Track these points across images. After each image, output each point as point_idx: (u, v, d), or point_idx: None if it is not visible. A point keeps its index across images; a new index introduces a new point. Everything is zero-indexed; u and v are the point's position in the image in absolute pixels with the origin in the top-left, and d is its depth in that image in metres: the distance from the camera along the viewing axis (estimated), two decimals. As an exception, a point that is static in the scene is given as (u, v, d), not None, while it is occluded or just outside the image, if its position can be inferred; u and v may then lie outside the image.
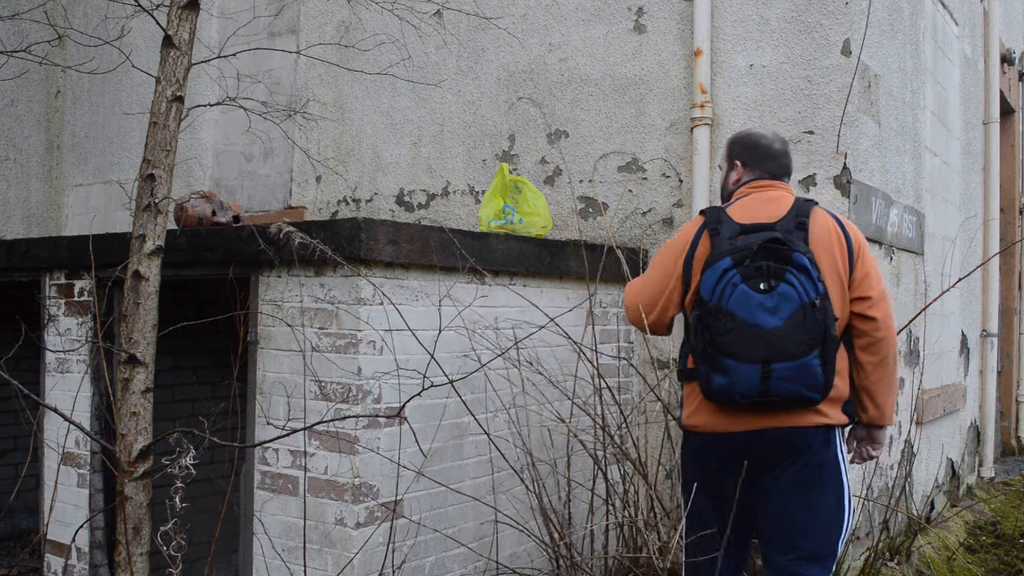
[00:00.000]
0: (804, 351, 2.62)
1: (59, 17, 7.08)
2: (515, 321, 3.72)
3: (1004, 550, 5.09)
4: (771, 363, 2.62)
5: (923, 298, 5.06)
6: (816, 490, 2.79)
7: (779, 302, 2.62)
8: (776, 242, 2.67)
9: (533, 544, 3.78)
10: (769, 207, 2.85)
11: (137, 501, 2.83)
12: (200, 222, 3.80)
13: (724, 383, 2.68)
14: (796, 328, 2.61)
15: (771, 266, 2.65)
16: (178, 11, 2.94)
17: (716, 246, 2.76)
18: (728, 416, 2.77)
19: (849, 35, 4.06)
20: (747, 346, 2.63)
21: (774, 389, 2.64)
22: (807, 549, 2.81)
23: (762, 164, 2.98)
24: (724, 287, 2.66)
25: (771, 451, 2.76)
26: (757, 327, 2.61)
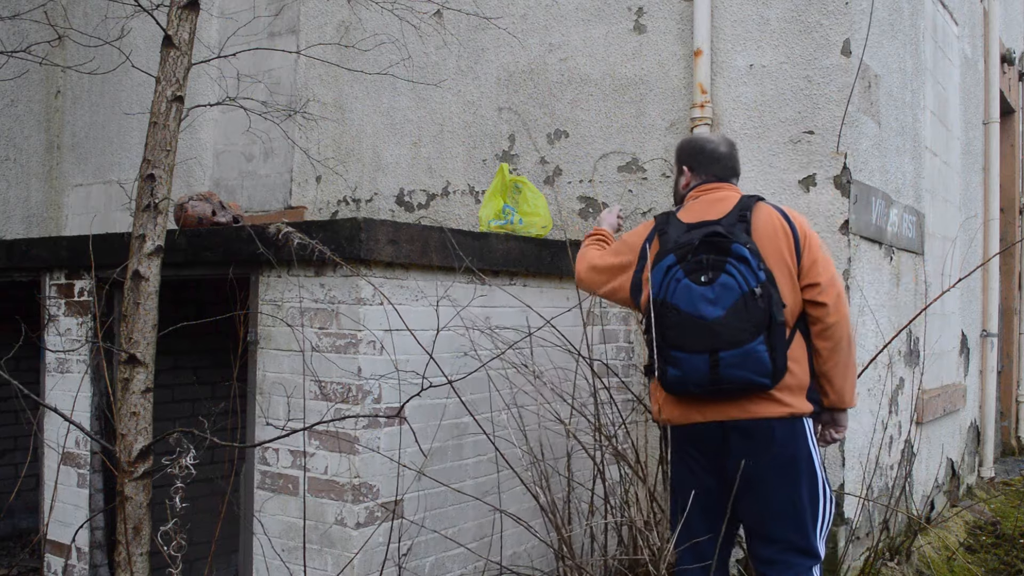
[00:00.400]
0: (748, 338, 2.72)
1: (59, 17, 7.08)
2: (515, 321, 3.72)
3: (1004, 550, 5.09)
4: (718, 352, 2.73)
5: (923, 298, 5.06)
6: (789, 481, 2.84)
7: (720, 293, 2.74)
8: (717, 235, 2.80)
9: (533, 544, 3.78)
10: (716, 207, 2.97)
11: (137, 501, 2.83)
12: (200, 222, 3.80)
13: (677, 375, 2.81)
14: (738, 316, 2.72)
15: (711, 259, 2.77)
16: (178, 11, 2.94)
17: (662, 245, 2.91)
18: (691, 408, 2.88)
19: (849, 35, 4.06)
20: (693, 337, 2.75)
21: (724, 377, 2.74)
22: (785, 540, 2.86)
23: (707, 168, 3.10)
24: (669, 282, 2.80)
25: (737, 442, 2.84)
26: (700, 318, 2.74)
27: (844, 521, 4.02)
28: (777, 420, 2.81)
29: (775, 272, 2.81)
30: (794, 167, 4.14)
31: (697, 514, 2.96)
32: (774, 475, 2.83)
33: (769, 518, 2.87)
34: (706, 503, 2.95)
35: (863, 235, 4.18)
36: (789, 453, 2.83)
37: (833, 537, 3.97)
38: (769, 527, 2.87)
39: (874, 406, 4.34)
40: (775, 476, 2.83)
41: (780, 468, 2.83)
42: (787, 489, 2.83)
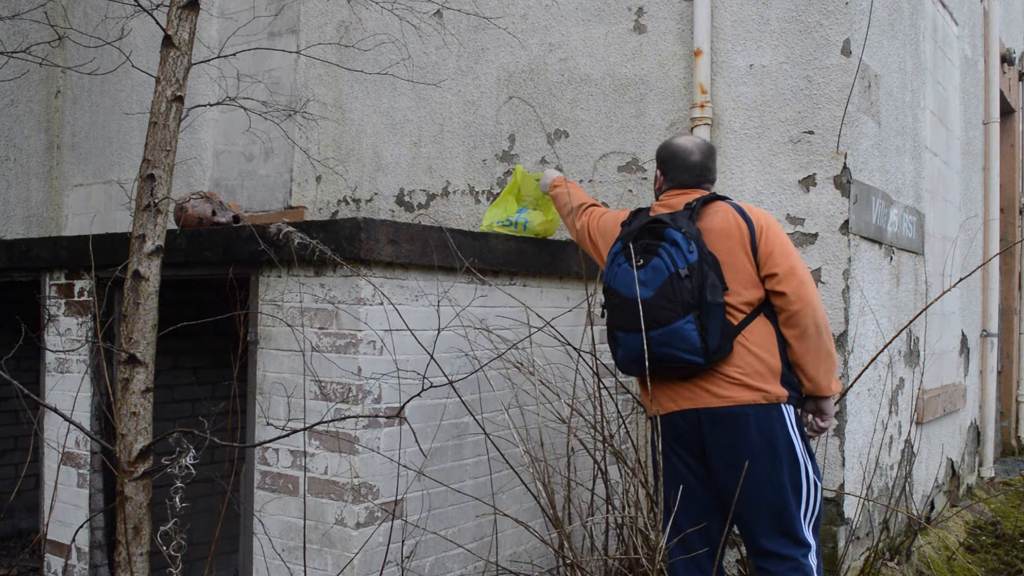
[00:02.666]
0: (674, 316, 2.84)
1: (59, 17, 7.08)
2: (515, 321, 3.72)
3: (1004, 550, 5.09)
4: (649, 331, 2.86)
5: (923, 298, 5.06)
6: (769, 468, 2.86)
7: (651, 275, 2.88)
8: (656, 222, 2.94)
9: (533, 544, 3.78)
10: (669, 208, 3.10)
11: (137, 501, 2.83)
12: (200, 222, 3.80)
13: (622, 355, 2.99)
14: (665, 296, 2.85)
15: (646, 243, 2.92)
16: (178, 11, 2.94)
17: (619, 237, 3.07)
18: (665, 397, 2.98)
19: (849, 35, 4.06)
20: (629, 317, 2.91)
21: (656, 355, 2.87)
22: (773, 529, 2.89)
23: (677, 175, 3.18)
24: (613, 268, 3.00)
25: (712, 431, 2.89)
26: (633, 299, 2.89)
27: (844, 521, 4.01)
28: (752, 406, 2.85)
29: (722, 259, 2.90)
30: (794, 167, 4.14)
31: (685, 509, 3.00)
32: (753, 462, 2.85)
33: (754, 507, 2.89)
34: (692, 497, 3.00)
35: (863, 235, 4.18)
36: (766, 439, 2.85)
37: (833, 537, 3.97)
38: (755, 517, 2.90)
39: (874, 406, 4.34)
40: (754, 463, 2.85)
41: (759, 455, 2.85)
42: (768, 476, 2.86)
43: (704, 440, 2.92)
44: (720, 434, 2.88)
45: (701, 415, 2.90)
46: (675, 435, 3.00)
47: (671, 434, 3.00)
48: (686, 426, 2.95)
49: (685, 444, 2.98)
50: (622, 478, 3.73)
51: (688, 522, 3.01)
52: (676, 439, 3.00)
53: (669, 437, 3.01)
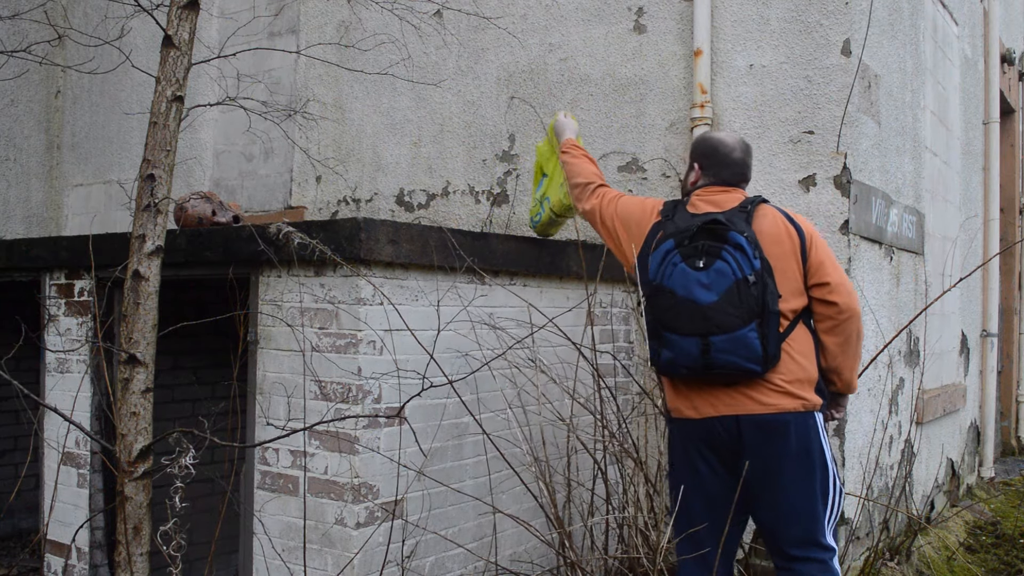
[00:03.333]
0: (740, 324, 2.75)
1: (59, 17, 7.08)
2: (515, 320, 3.72)
3: (1004, 550, 5.09)
4: (709, 336, 2.76)
5: (923, 298, 5.06)
6: (804, 475, 2.84)
7: (715, 278, 2.77)
8: (715, 223, 2.83)
9: (533, 544, 3.77)
10: (720, 205, 3.01)
11: (137, 501, 2.83)
12: (200, 222, 3.80)
13: (669, 356, 2.84)
14: (731, 302, 2.75)
15: (708, 245, 2.81)
16: (178, 11, 2.94)
17: (665, 231, 2.95)
18: (703, 401, 2.88)
19: (849, 35, 4.06)
20: (686, 320, 2.79)
21: (714, 361, 2.77)
22: (803, 535, 2.86)
23: (717, 171, 3.09)
24: (666, 267, 2.85)
25: (753, 437, 2.83)
26: (693, 302, 2.77)
27: (844, 521, 4.01)
28: (792, 414, 2.82)
29: (774, 266, 2.85)
30: (794, 167, 4.14)
31: (701, 516, 2.94)
32: (790, 470, 2.83)
33: (786, 514, 2.87)
34: (712, 504, 2.93)
35: (863, 235, 4.18)
36: (803, 447, 2.84)
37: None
38: (786, 523, 2.87)
39: (874, 406, 4.34)
40: (791, 471, 2.83)
41: (795, 462, 2.83)
42: (802, 484, 2.84)
43: (741, 447, 2.85)
44: (760, 441, 2.83)
45: (742, 421, 2.83)
46: (707, 440, 2.90)
47: (703, 439, 2.91)
48: (723, 432, 2.86)
49: (716, 450, 2.90)
50: (622, 478, 3.73)
51: (706, 528, 2.95)
52: (708, 444, 2.91)
53: (700, 442, 2.92)
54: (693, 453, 2.94)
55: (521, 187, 4.97)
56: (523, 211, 4.96)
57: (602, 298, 4.23)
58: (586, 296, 3.98)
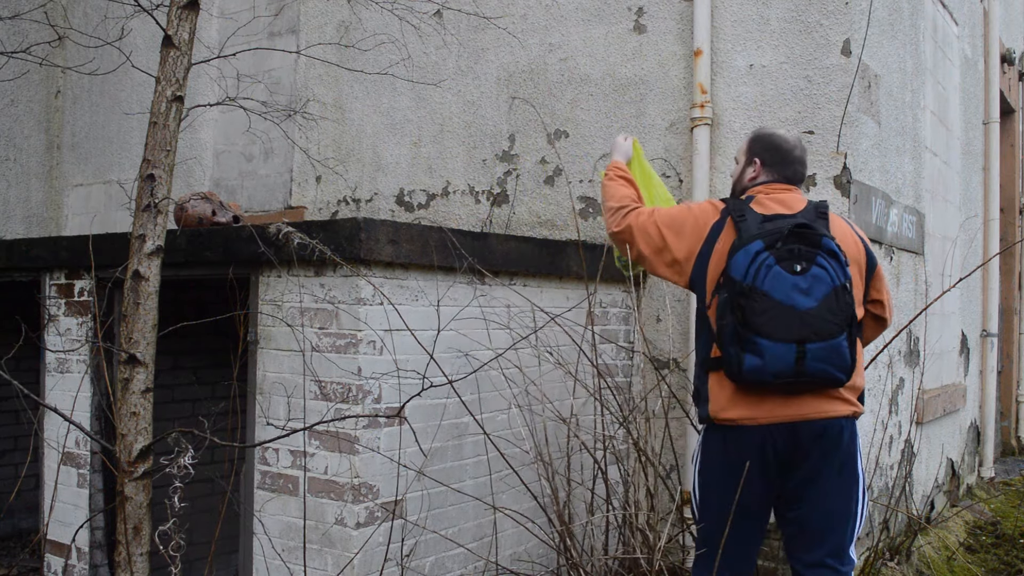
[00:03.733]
0: (836, 332, 2.67)
1: (59, 17, 7.08)
2: (515, 319, 3.72)
3: (1004, 550, 5.09)
4: (805, 343, 2.64)
5: (923, 298, 5.05)
6: (847, 483, 2.81)
7: (813, 283, 2.66)
8: (805, 227, 2.72)
9: (534, 544, 3.77)
10: (788, 204, 2.89)
11: (137, 501, 2.83)
12: (200, 222, 3.80)
13: (757, 364, 2.66)
14: (829, 309, 2.66)
15: (803, 249, 2.69)
16: (178, 11, 2.94)
17: (745, 230, 2.76)
18: (770, 406, 2.74)
19: (849, 35, 4.06)
20: (782, 326, 2.64)
21: (808, 369, 2.65)
22: (834, 544, 2.82)
23: (781, 168, 2.99)
24: (758, 268, 2.68)
25: (810, 443, 2.75)
26: (792, 307, 2.64)
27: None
28: (845, 419, 2.79)
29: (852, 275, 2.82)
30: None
31: (741, 527, 2.84)
32: (836, 476, 2.78)
33: (822, 522, 2.81)
34: (750, 514, 2.83)
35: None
36: (849, 453, 2.80)
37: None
38: (821, 532, 2.82)
39: (874, 406, 4.34)
40: (836, 477, 2.79)
41: (843, 468, 2.80)
42: (845, 491, 2.81)
43: (795, 453, 2.76)
44: (816, 447, 2.75)
45: (800, 427, 2.74)
46: (760, 447, 2.76)
47: (757, 445, 2.76)
48: (779, 438, 2.75)
49: (767, 456, 2.76)
50: (623, 478, 3.74)
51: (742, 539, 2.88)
52: (759, 450, 2.76)
53: (752, 448, 2.76)
54: (737, 462, 2.77)
55: (521, 187, 4.97)
56: (523, 211, 4.96)
57: (602, 298, 4.23)
58: (586, 296, 3.98)
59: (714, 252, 2.84)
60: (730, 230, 2.83)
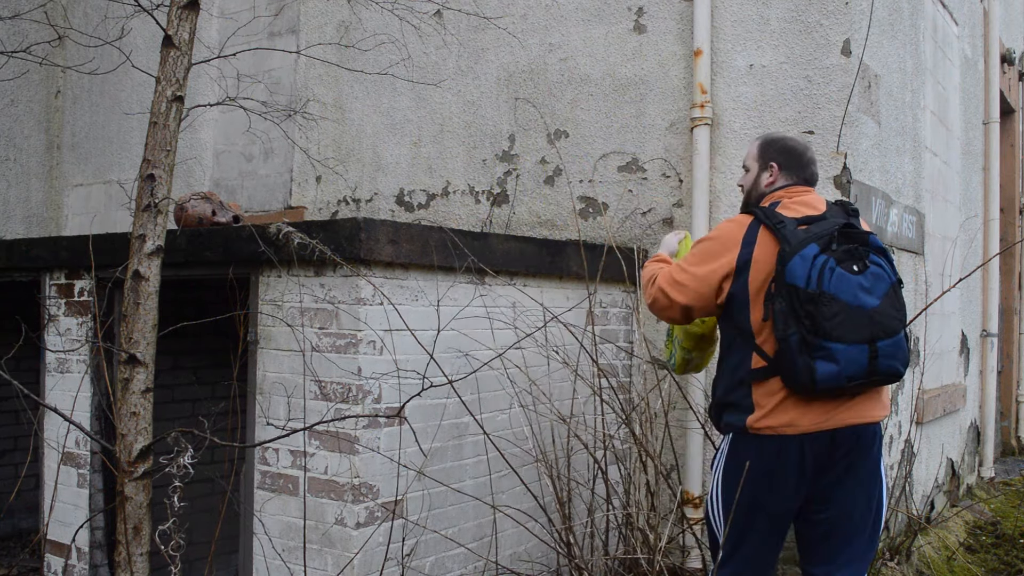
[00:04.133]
0: (899, 327, 2.66)
1: (59, 17, 7.08)
2: (515, 319, 3.72)
3: (1004, 550, 5.09)
4: (876, 342, 2.61)
5: (923, 298, 5.05)
6: (879, 487, 2.79)
7: (874, 282, 2.65)
8: (851, 227, 2.70)
9: (534, 544, 3.77)
10: (813, 206, 2.83)
11: (137, 501, 2.83)
12: (200, 222, 3.80)
13: (832, 370, 2.59)
14: (892, 305, 2.66)
15: (859, 249, 2.68)
16: (178, 11, 2.94)
17: (791, 236, 2.68)
18: (811, 415, 2.67)
19: (849, 35, 4.06)
20: (854, 328, 2.60)
21: (880, 368, 2.63)
22: (858, 551, 2.77)
23: (799, 171, 2.95)
24: (820, 272, 2.61)
25: (843, 448, 2.70)
26: (860, 307, 2.61)
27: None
28: (878, 425, 2.76)
29: None
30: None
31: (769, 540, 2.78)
32: (870, 482, 2.76)
33: (846, 528, 2.76)
34: (780, 522, 2.76)
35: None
36: (877, 458, 2.78)
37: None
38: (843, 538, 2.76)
39: (874, 406, 4.34)
40: (870, 483, 2.76)
41: (875, 474, 2.77)
42: (877, 496, 2.78)
43: (829, 458, 2.69)
44: (852, 451, 2.71)
45: (839, 433, 2.68)
46: (798, 455, 2.69)
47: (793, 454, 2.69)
48: (819, 445, 2.68)
49: (804, 464, 2.69)
50: (623, 478, 3.74)
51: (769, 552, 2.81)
52: (798, 459, 2.69)
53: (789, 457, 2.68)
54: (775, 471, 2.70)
55: (521, 187, 4.97)
56: (523, 211, 4.96)
57: (602, 298, 4.23)
58: (586, 296, 3.98)
59: (754, 262, 2.73)
60: (768, 239, 2.72)
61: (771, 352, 2.69)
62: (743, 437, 2.75)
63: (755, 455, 2.71)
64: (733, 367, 2.80)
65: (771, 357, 2.69)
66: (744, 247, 2.75)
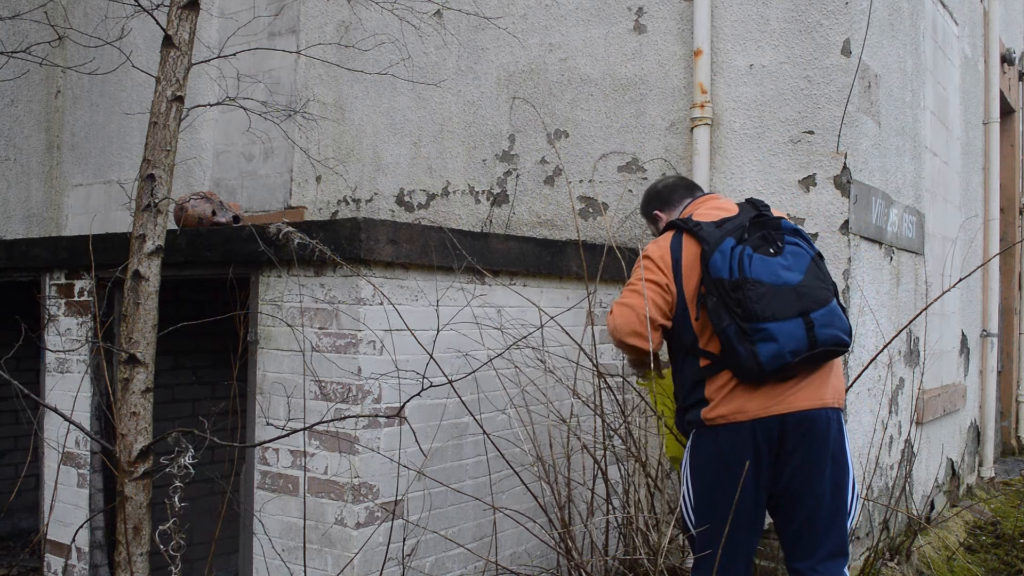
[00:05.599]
0: (828, 296, 2.75)
1: (59, 17, 7.08)
2: (515, 319, 3.72)
3: (1004, 550, 5.09)
4: (809, 313, 2.70)
5: (923, 298, 5.05)
6: (842, 474, 2.84)
7: (793, 260, 2.76)
8: (760, 216, 2.85)
9: (534, 544, 3.77)
10: (722, 209, 3.00)
11: (137, 501, 2.83)
12: (200, 222, 3.80)
13: (774, 349, 2.68)
14: (815, 276, 2.75)
15: (770, 234, 2.80)
16: (178, 11, 2.94)
17: (708, 236, 2.83)
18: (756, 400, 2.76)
19: (849, 35, 4.06)
20: (783, 305, 2.69)
21: (819, 337, 2.70)
22: (833, 541, 2.83)
23: (673, 193, 3.24)
24: (739, 261, 2.74)
25: (795, 435, 2.76)
26: (785, 284, 2.71)
27: (844, 521, 4.01)
28: (831, 410, 2.81)
29: None
30: (794, 167, 4.14)
31: (739, 534, 2.81)
32: (830, 471, 2.80)
33: (820, 520, 2.81)
34: (746, 511, 2.80)
35: (863, 235, 4.18)
36: (839, 444, 2.83)
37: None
38: (820, 530, 2.81)
39: (874, 406, 4.34)
40: (831, 469, 2.80)
41: (834, 460, 2.82)
42: (840, 482, 2.82)
43: (783, 445, 2.76)
44: (805, 439, 2.76)
45: (787, 420, 2.74)
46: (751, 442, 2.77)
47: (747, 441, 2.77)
48: (770, 431, 2.76)
49: (758, 450, 2.76)
50: (623, 478, 3.73)
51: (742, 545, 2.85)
52: (751, 446, 2.76)
53: (745, 444, 2.77)
54: (731, 457, 2.78)
55: (521, 187, 4.98)
56: (523, 211, 4.96)
57: (602, 298, 4.23)
58: (586, 296, 3.98)
59: (683, 267, 2.89)
60: (690, 243, 2.90)
61: (716, 350, 2.81)
62: (701, 431, 2.88)
63: (711, 446, 2.84)
64: (686, 374, 2.93)
65: (716, 355, 2.81)
66: (673, 253, 2.92)
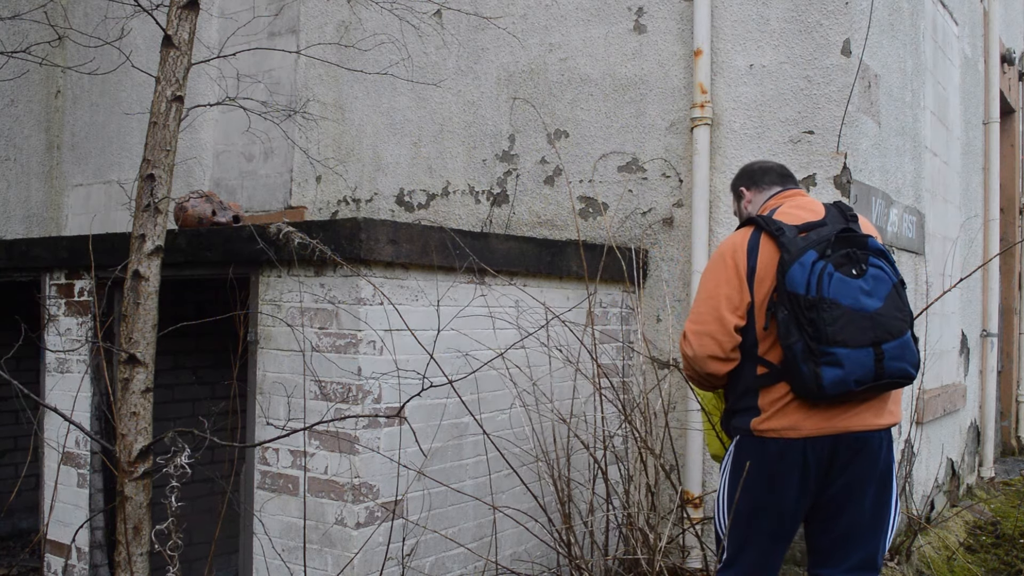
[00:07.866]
0: (904, 328, 2.65)
1: (59, 17, 7.08)
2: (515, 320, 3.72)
3: (1004, 550, 5.09)
4: (881, 344, 2.61)
5: (923, 298, 5.05)
6: (885, 495, 2.79)
7: (875, 285, 2.64)
8: (848, 231, 2.70)
9: (534, 544, 3.77)
10: (809, 207, 2.84)
11: (137, 501, 2.83)
12: (200, 222, 3.80)
13: (838, 375, 2.59)
14: (895, 306, 2.64)
15: (856, 252, 2.66)
16: (178, 11, 2.94)
17: (790, 244, 2.69)
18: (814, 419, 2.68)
19: (849, 35, 4.06)
20: (857, 331, 2.60)
21: (887, 370, 2.61)
22: (869, 556, 2.78)
23: (765, 178, 3.02)
24: (819, 278, 2.62)
25: (846, 456, 2.71)
26: (862, 310, 2.61)
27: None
28: (885, 431, 2.76)
29: None
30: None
31: (772, 545, 2.78)
32: (874, 488, 2.75)
33: (857, 534, 2.77)
34: (784, 531, 2.76)
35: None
36: (888, 465, 2.77)
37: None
38: (853, 544, 2.78)
39: (874, 406, 4.33)
40: (875, 489, 2.75)
41: (883, 478, 2.77)
42: (887, 500, 2.79)
43: (832, 464, 2.70)
44: (856, 460, 2.70)
45: (841, 439, 2.68)
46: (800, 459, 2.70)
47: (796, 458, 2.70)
48: (821, 450, 2.69)
49: (807, 468, 2.70)
50: (623, 478, 3.74)
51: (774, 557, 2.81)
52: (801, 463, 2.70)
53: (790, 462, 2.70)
54: (778, 471, 2.71)
55: (521, 187, 4.98)
56: (523, 211, 4.96)
57: (602, 298, 4.23)
58: (586, 296, 3.98)
59: (758, 270, 2.74)
60: (770, 246, 2.73)
61: (776, 360, 2.70)
62: (748, 439, 2.77)
63: (757, 456, 2.73)
64: (740, 378, 2.81)
65: (775, 365, 2.70)
66: (749, 256, 2.76)
